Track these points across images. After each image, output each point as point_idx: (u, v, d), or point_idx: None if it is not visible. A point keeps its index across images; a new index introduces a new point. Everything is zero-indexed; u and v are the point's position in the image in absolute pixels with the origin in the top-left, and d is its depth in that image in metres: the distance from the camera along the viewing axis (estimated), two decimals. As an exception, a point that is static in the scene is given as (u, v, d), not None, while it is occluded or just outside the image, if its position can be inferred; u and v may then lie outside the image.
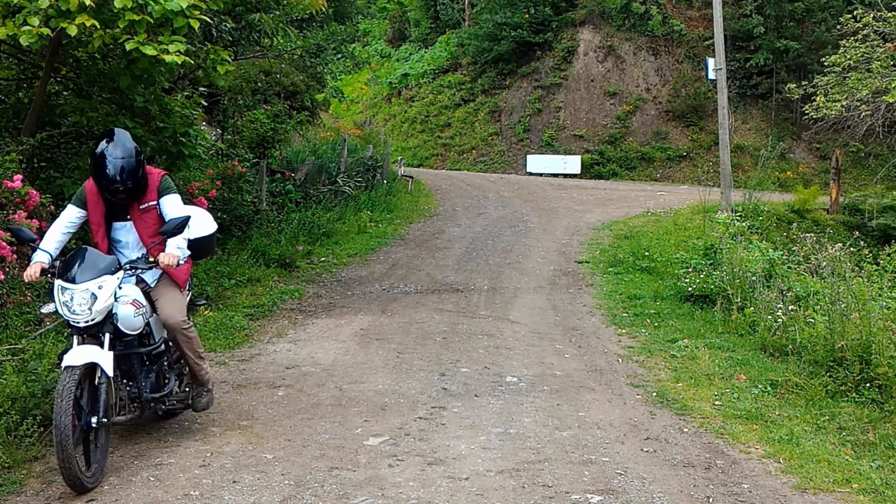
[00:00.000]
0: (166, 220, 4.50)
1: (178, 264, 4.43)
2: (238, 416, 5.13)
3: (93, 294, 4.10)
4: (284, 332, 7.43)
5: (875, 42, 15.79)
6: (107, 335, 4.19)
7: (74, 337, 4.18)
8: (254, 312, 7.96)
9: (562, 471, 4.41)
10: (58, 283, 4.15)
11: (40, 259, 4.33)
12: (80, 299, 4.10)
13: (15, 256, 5.65)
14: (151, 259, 4.41)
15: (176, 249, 4.43)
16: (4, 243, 5.52)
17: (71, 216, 4.53)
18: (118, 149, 4.34)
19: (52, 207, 6.44)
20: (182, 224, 4.41)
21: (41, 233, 6.05)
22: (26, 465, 4.19)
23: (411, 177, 21.81)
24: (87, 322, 4.12)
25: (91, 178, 4.47)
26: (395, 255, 12.11)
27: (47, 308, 4.31)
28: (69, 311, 4.11)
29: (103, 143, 4.37)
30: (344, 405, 5.39)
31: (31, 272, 4.27)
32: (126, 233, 4.60)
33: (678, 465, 4.57)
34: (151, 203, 4.53)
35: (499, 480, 4.25)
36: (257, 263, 9.82)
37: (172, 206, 4.58)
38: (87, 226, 4.68)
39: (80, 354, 4.04)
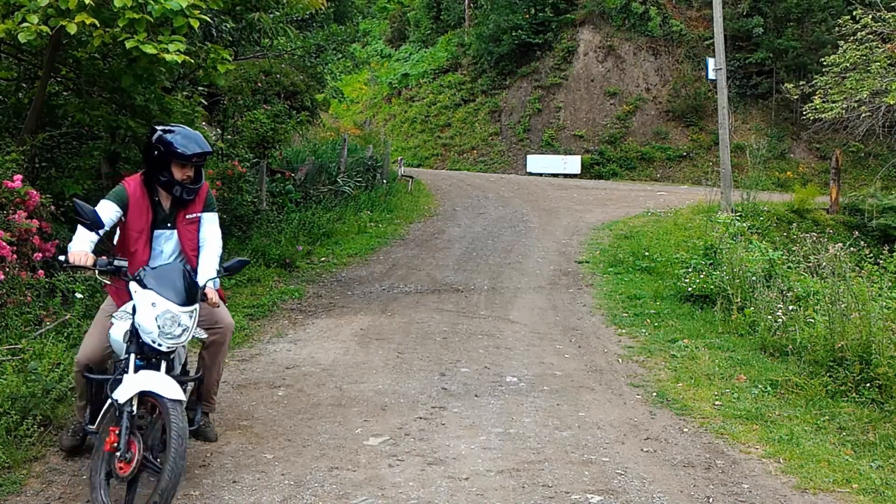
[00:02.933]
0: (203, 236, 4.28)
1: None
2: (238, 416, 5.13)
3: (192, 318, 3.84)
4: (284, 332, 7.42)
5: (874, 43, 15.78)
6: (164, 362, 3.83)
7: (132, 360, 3.75)
8: (254, 312, 7.96)
9: (562, 471, 4.40)
10: (159, 298, 3.73)
11: (86, 249, 3.85)
12: (185, 322, 3.76)
13: (15, 257, 5.64)
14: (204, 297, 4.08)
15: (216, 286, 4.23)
16: (4, 243, 5.52)
17: (110, 213, 4.04)
18: (182, 127, 4.17)
19: (53, 207, 6.44)
20: (244, 264, 4.25)
21: (41, 232, 6.08)
22: (26, 465, 4.18)
23: (411, 177, 21.82)
24: (173, 347, 3.80)
25: (133, 181, 4.13)
26: (395, 255, 12.10)
27: (119, 319, 3.86)
28: (162, 332, 3.71)
29: (160, 130, 4.12)
30: (344, 405, 5.39)
31: (85, 259, 3.77)
32: (165, 242, 4.24)
33: (678, 465, 4.57)
34: (197, 215, 4.27)
35: (499, 480, 4.25)
36: (257, 263, 9.82)
37: (212, 224, 4.34)
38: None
39: (154, 382, 3.65)
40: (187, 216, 4.25)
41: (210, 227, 4.33)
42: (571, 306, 9.00)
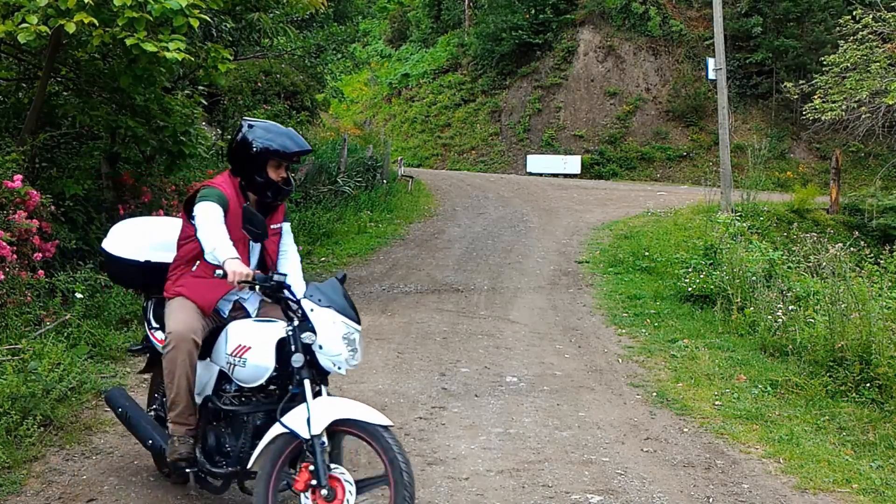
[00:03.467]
0: (283, 248, 3.89)
1: None
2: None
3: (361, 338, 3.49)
4: (284, 331, 7.42)
5: (874, 43, 15.78)
6: (323, 387, 3.44)
7: (308, 386, 3.29)
8: (254, 312, 7.95)
9: (562, 471, 4.40)
10: (339, 317, 3.35)
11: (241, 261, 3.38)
12: (359, 342, 3.42)
13: (15, 257, 5.64)
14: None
15: None
16: (4, 243, 5.52)
17: (221, 218, 3.50)
18: (273, 123, 3.79)
19: (53, 207, 6.44)
20: (345, 278, 3.68)
21: (41, 232, 6.08)
22: (26, 465, 4.18)
23: (411, 177, 21.81)
24: (352, 369, 3.47)
25: (226, 183, 3.66)
26: (395, 255, 12.10)
27: (309, 339, 3.32)
28: (350, 354, 3.37)
29: (257, 126, 3.69)
30: (344, 405, 5.38)
31: (248, 275, 3.30)
32: (251, 252, 3.77)
33: (678, 465, 4.57)
34: (280, 225, 3.86)
35: (499, 480, 4.25)
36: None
37: (290, 235, 3.98)
38: None
39: (349, 408, 3.26)
40: (272, 226, 3.80)
41: (289, 239, 3.96)
42: (571, 306, 9.00)
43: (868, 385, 5.75)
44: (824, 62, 17.02)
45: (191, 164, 9.04)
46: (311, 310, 3.34)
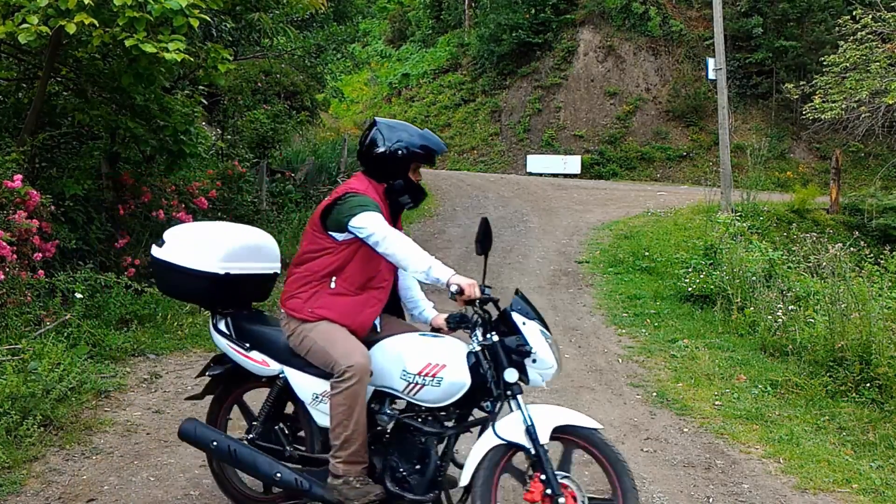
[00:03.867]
0: None
1: None
2: (238, 415, 5.11)
3: None
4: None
5: (874, 43, 15.78)
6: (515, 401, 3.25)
7: (521, 399, 3.18)
8: (254, 312, 7.95)
9: (562, 471, 4.40)
10: (543, 330, 3.25)
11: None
12: (558, 354, 3.29)
13: (15, 257, 5.65)
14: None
15: None
16: (4, 243, 5.52)
17: None
18: (401, 122, 3.58)
19: (52, 207, 6.44)
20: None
21: (41, 232, 6.08)
22: (26, 465, 4.18)
23: (411, 177, 21.78)
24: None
25: (371, 189, 3.41)
26: (395, 255, 12.09)
27: (544, 357, 3.20)
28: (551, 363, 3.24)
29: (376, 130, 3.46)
30: (344, 405, 5.38)
31: (477, 291, 3.17)
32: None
33: (678, 465, 4.57)
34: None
35: (499, 480, 4.24)
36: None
37: None
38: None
39: (564, 415, 3.19)
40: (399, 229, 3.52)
41: None
42: (571, 306, 9.00)
43: (868, 385, 5.75)
44: (824, 62, 17.02)
45: (191, 164, 9.04)
46: (524, 323, 3.23)
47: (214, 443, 3.53)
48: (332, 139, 22.21)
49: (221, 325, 3.61)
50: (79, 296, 6.24)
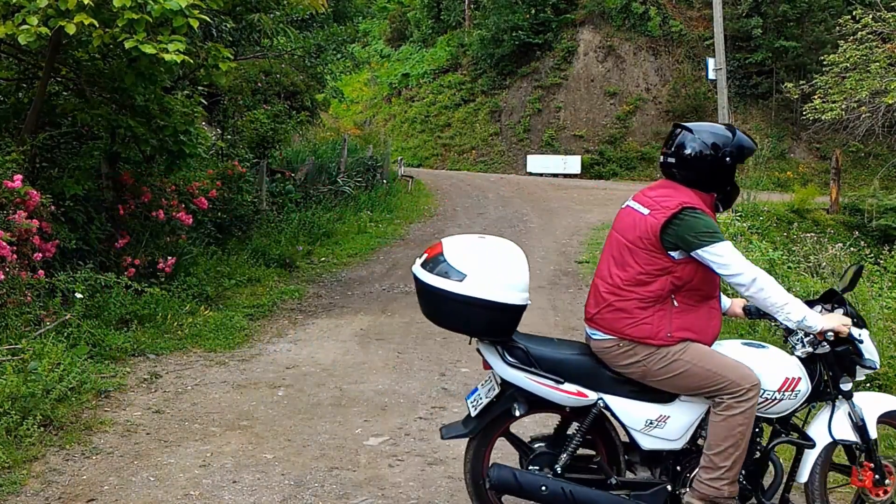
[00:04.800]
0: None
1: None
2: (238, 416, 5.13)
3: None
4: (284, 332, 7.42)
5: (874, 43, 15.79)
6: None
7: (853, 401, 3.41)
8: (254, 312, 7.96)
9: (562, 471, 4.40)
10: (867, 332, 3.35)
11: None
12: None
13: (15, 257, 5.65)
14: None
15: None
16: (4, 243, 5.52)
17: None
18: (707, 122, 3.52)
19: (52, 207, 6.44)
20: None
21: (41, 232, 6.08)
22: (26, 465, 4.18)
23: (411, 177, 21.84)
24: None
25: (700, 204, 3.21)
26: (395, 255, 12.11)
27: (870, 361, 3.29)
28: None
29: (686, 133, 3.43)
30: (344, 405, 5.39)
31: (847, 329, 3.18)
32: None
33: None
34: None
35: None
36: (257, 263, 9.82)
37: None
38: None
39: (884, 400, 3.50)
40: None
41: None
42: (571, 306, 9.00)
43: (868, 385, 5.75)
44: (824, 62, 17.04)
45: (191, 164, 9.05)
46: (861, 339, 3.27)
47: (544, 487, 3.20)
48: (332, 139, 22.24)
49: (512, 357, 3.27)
50: (79, 296, 6.24)
